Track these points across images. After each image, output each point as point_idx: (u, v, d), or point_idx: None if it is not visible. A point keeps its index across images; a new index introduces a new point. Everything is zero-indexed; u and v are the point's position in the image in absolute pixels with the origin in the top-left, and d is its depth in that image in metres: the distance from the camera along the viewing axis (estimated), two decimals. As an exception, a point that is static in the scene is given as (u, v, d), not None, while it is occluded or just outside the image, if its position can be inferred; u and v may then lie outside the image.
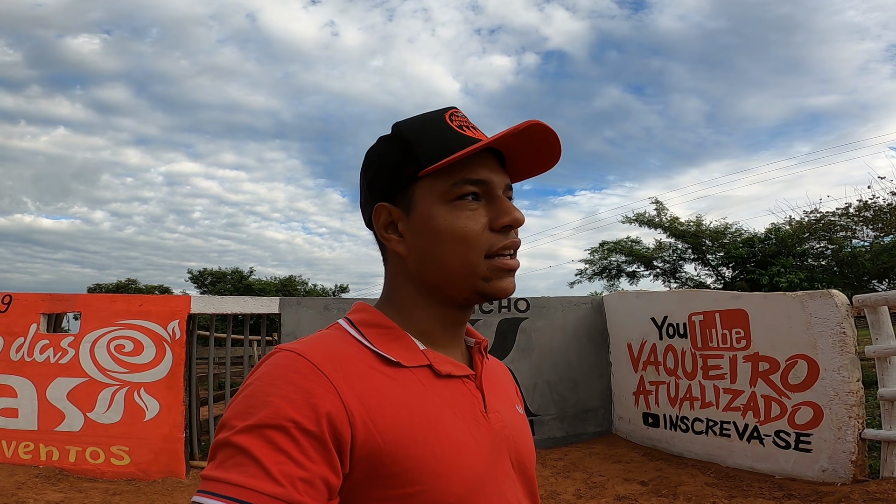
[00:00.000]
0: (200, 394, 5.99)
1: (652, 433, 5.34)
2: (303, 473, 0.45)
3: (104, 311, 5.05)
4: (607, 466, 4.92)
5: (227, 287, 22.91)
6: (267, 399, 0.48)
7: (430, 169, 0.60)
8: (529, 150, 0.64)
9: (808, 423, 3.78)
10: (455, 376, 0.62)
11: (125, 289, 29.04)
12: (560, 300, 6.34)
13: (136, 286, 29.46)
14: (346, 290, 31.45)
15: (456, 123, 0.62)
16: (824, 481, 3.67)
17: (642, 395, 5.49)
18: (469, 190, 0.60)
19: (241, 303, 5.33)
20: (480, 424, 0.60)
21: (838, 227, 12.23)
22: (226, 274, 24.06)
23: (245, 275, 24.24)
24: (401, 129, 0.64)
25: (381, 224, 0.64)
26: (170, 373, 4.95)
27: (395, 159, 0.63)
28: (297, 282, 26.41)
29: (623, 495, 4.14)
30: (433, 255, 0.61)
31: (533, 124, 0.59)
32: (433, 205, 0.61)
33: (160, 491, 4.52)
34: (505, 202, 0.62)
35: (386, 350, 0.59)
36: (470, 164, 0.60)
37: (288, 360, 0.52)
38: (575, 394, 6.05)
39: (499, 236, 0.61)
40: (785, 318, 3.90)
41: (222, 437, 0.47)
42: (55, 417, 4.78)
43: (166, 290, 29.95)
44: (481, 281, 0.61)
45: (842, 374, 3.53)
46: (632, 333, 5.66)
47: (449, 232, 0.60)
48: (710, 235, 11.53)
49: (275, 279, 25.72)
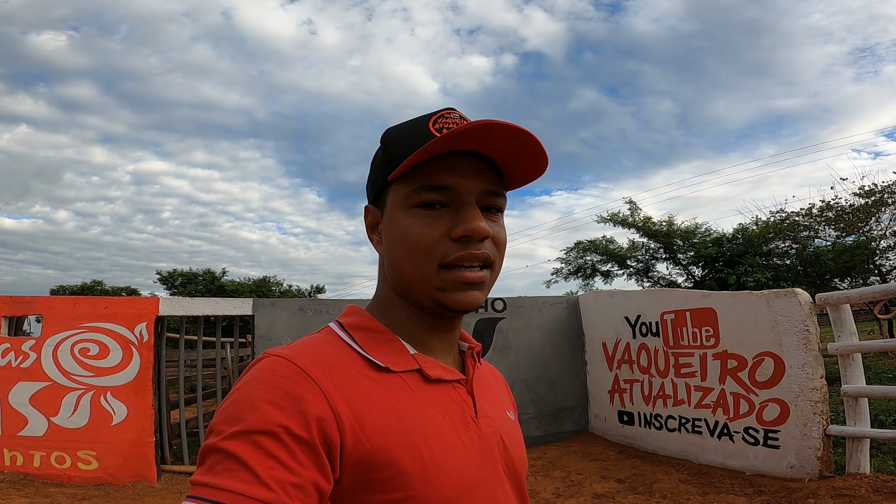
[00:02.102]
0: (171, 397, 5.85)
1: (627, 431, 5.42)
2: (294, 479, 0.44)
3: (67, 313, 4.88)
4: (585, 465, 4.99)
5: (199, 288, 22.36)
6: (255, 404, 0.47)
7: (395, 174, 0.58)
8: (510, 154, 0.60)
9: (776, 419, 3.89)
10: (445, 381, 0.61)
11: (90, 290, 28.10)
12: (536, 300, 6.40)
13: (101, 287, 28.55)
14: (322, 290, 31.04)
15: (437, 126, 0.60)
16: (792, 477, 3.77)
17: (617, 394, 5.57)
18: (428, 197, 0.58)
19: (213, 304, 5.22)
20: (470, 429, 0.60)
21: (802, 227, 12.68)
22: (197, 275, 23.47)
23: (217, 276, 23.71)
24: (386, 134, 0.64)
25: (368, 224, 0.66)
26: (137, 376, 4.82)
27: (378, 164, 0.63)
28: (272, 282, 25.96)
29: (600, 493, 4.20)
30: (395, 260, 0.61)
31: (483, 124, 0.54)
32: (397, 209, 0.60)
33: (130, 496, 4.39)
34: (469, 211, 0.58)
35: (376, 355, 0.58)
36: (436, 170, 0.58)
37: (277, 365, 0.52)
38: (552, 393, 6.11)
39: (454, 245, 0.58)
40: (752, 316, 4.01)
41: (211, 443, 0.46)
42: (18, 422, 4.60)
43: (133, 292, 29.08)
44: (436, 291, 0.59)
45: (806, 371, 3.64)
46: (606, 332, 5.74)
47: (404, 238, 0.59)
48: (681, 235, 11.80)
49: (249, 280, 25.22)
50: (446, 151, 0.57)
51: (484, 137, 0.56)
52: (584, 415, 6.19)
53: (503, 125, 0.55)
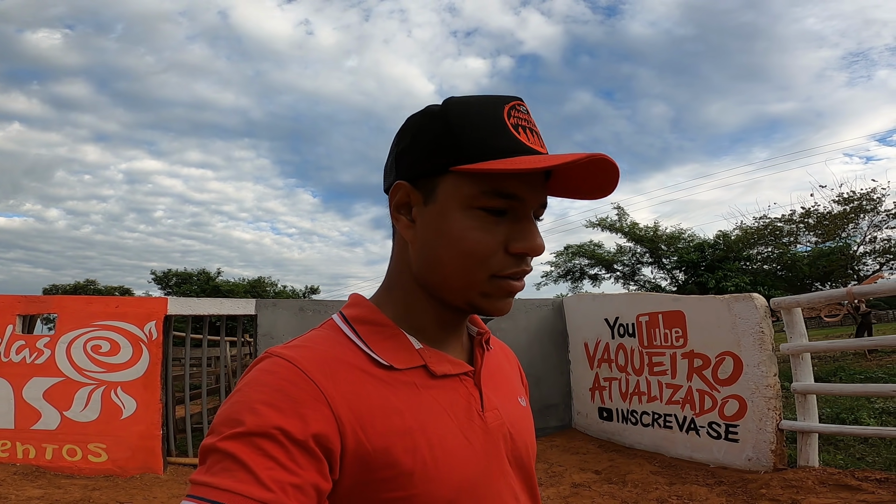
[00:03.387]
0: (176, 394, 6.14)
1: (606, 426, 5.78)
2: (293, 479, 0.45)
3: (80, 312, 5.18)
4: (566, 458, 5.34)
5: (194, 288, 22.50)
6: (254, 406, 0.47)
7: (465, 168, 0.54)
8: (583, 176, 0.58)
9: (735, 414, 4.24)
10: (451, 375, 0.60)
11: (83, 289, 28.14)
12: (524, 302, 6.74)
13: (94, 287, 28.62)
14: (316, 291, 31.21)
15: (513, 121, 0.56)
16: (750, 469, 4.09)
17: (597, 391, 5.93)
18: (496, 204, 0.55)
19: (218, 304, 5.54)
20: (475, 424, 0.59)
21: (784, 232, 13.15)
22: (192, 275, 23.60)
23: (212, 276, 23.87)
24: (449, 108, 0.57)
25: (395, 202, 0.60)
26: (146, 372, 5.12)
27: (430, 141, 0.57)
28: (267, 283, 26.13)
29: (579, 483, 4.54)
30: (436, 256, 0.57)
31: (594, 158, 0.53)
32: (454, 205, 0.56)
33: (138, 486, 4.69)
34: (530, 225, 0.57)
35: (379, 351, 0.57)
36: (509, 177, 0.55)
37: (277, 366, 0.51)
38: (537, 390, 6.45)
39: (511, 260, 0.56)
40: (715, 318, 4.37)
41: (210, 443, 0.46)
42: (31, 416, 4.89)
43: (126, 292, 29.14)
44: (479, 296, 0.57)
45: (761, 369, 4.00)
46: (588, 333, 6.10)
47: (460, 239, 0.55)
48: (666, 240, 12.21)
49: (243, 280, 25.42)
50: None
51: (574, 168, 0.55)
52: (568, 411, 6.54)
53: (608, 161, 0.54)
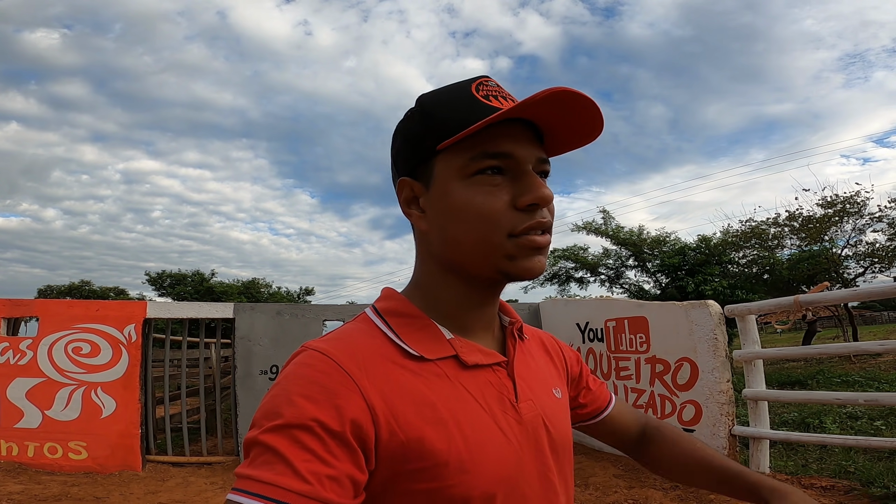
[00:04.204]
0: (157, 394, 6.28)
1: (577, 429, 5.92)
2: (329, 471, 0.46)
3: (62, 315, 5.32)
4: (534, 458, 5.49)
5: (188, 289, 22.53)
6: (292, 398, 0.48)
7: (448, 142, 0.56)
8: (565, 120, 0.59)
9: (692, 419, 4.38)
10: (483, 365, 0.60)
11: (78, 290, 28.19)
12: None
13: (90, 288, 28.66)
14: (311, 292, 31.12)
15: (482, 93, 0.58)
16: None
17: (569, 393, 6.07)
18: (489, 164, 0.56)
19: (197, 308, 5.68)
20: (509, 415, 0.59)
21: (769, 235, 13.31)
22: (186, 276, 23.62)
23: (206, 277, 23.93)
24: (423, 100, 0.61)
25: (403, 199, 0.63)
26: (126, 373, 5.26)
27: (416, 132, 0.60)
28: (261, 284, 26.13)
29: (543, 483, 4.69)
30: (452, 233, 0.58)
31: (557, 91, 0.53)
32: (451, 180, 0.58)
33: (117, 483, 4.83)
34: (531, 178, 0.57)
35: (410, 342, 0.58)
36: (492, 137, 0.56)
37: (312, 359, 0.53)
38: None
39: (523, 216, 0.57)
40: (674, 324, 4.52)
41: (252, 436, 0.48)
42: (14, 415, 5.03)
43: (122, 292, 29.19)
44: (505, 259, 0.57)
45: (714, 375, 4.15)
46: (561, 337, 6.17)
47: (467, 210, 0.56)
48: (650, 244, 12.37)
49: (237, 282, 25.32)
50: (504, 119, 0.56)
51: (549, 106, 0.55)
52: (542, 413, 6.68)
53: (575, 95, 0.54)
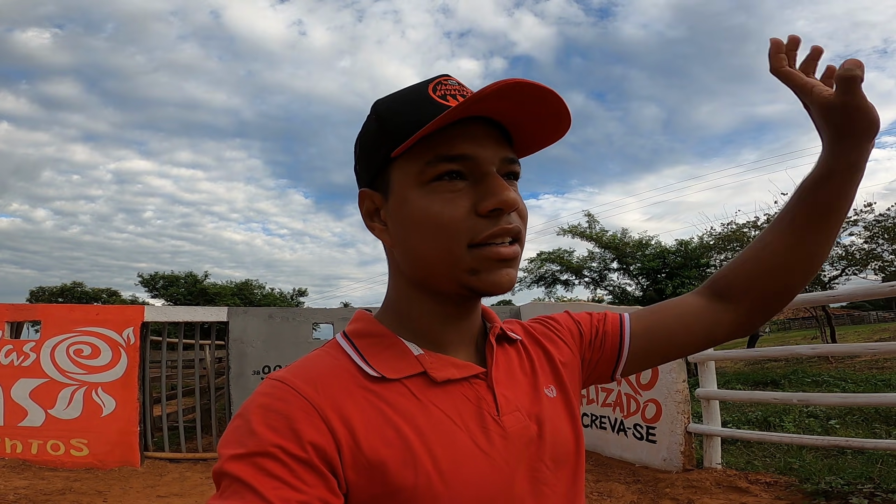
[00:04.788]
0: (154, 394, 6.58)
1: (553, 424, 6.27)
2: (300, 497, 0.44)
3: (63, 319, 5.62)
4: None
5: (181, 291, 22.73)
6: (252, 427, 0.47)
7: (401, 148, 0.53)
8: (528, 116, 0.55)
9: (653, 417, 4.72)
10: (457, 380, 0.56)
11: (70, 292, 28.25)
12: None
13: (82, 289, 28.74)
14: (304, 293, 31.32)
15: (440, 93, 0.54)
16: (664, 469, 4.48)
17: (546, 392, 6.42)
18: (446, 168, 0.52)
19: (192, 312, 5.99)
20: (491, 431, 0.55)
21: (749, 238, 13.75)
22: (179, 278, 23.77)
23: (199, 279, 24.12)
24: (378, 105, 0.57)
25: (365, 211, 0.60)
26: (125, 374, 5.57)
27: (370, 141, 0.57)
28: (254, 286, 26.35)
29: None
30: (412, 245, 0.55)
31: (509, 84, 0.49)
32: (407, 188, 0.54)
33: (117, 478, 5.13)
34: (494, 181, 0.53)
35: (374, 362, 0.55)
36: (449, 138, 0.52)
37: (271, 388, 0.51)
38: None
39: (486, 222, 0.52)
40: (637, 327, 4.87)
41: (218, 467, 0.47)
42: (19, 414, 5.32)
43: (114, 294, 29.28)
44: (467, 274, 0.53)
45: (672, 375, 4.50)
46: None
47: (424, 219, 0.53)
48: (633, 247, 12.78)
49: (231, 283, 25.56)
50: (460, 118, 0.52)
51: (506, 100, 0.51)
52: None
53: (533, 85, 0.50)
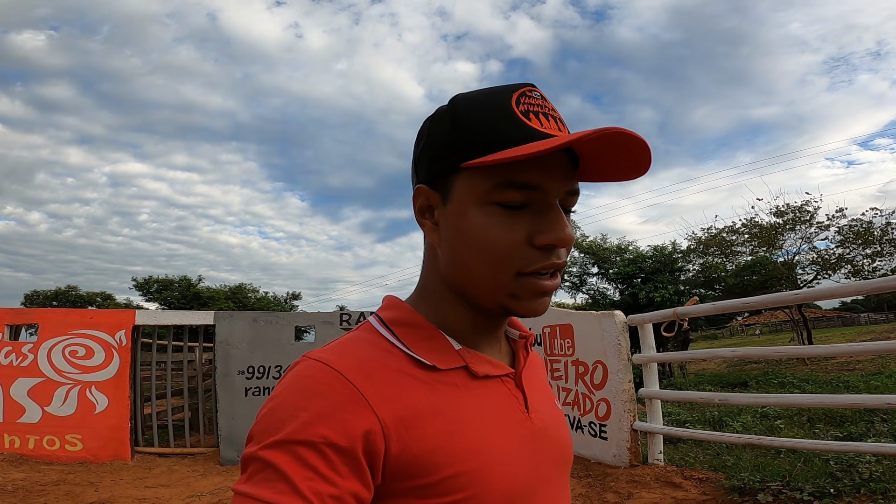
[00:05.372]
0: (145, 393, 6.95)
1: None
2: (332, 490, 0.44)
3: (60, 322, 6.00)
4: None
5: (175, 295, 22.93)
6: (294, 413, 0.46)
7: (474, 163, 0.51)
8: (610, 156, 0.53)
9: (605, 415, 5.08)
10: (493, 376, 0.58)
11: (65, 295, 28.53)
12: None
13: (76, 293, 29.00)
14: (298, 297, 31.52)
15: (522, 108, 0.53)
16: (614, 465, 4.79)
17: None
18: (512, 197, 0.51)
19: (181, 316, 6.37)
20: (523, 426, 0.57)
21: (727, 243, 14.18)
22: (173, 282, 23.99)
23: (193, 283, 24.36)
24: (456, 104, 0.55)
25: (418, 207, 0.58)
26: (117, 373, 5.94)
27: (440, 141, 0.55)
28: (248, 289, 26.55)
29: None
30: (460, 257, 0.54)
31: (611, 133, 0.48)
32: (469, 203, 0.53)
33: (108, 471, 5.50)
34: (555, 214, 0.53)
35: (420, 352, 0.54)
36: (523, 164, 0.51)
37: (314, 370, 0.50)
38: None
39: (538, 254, 0.52)
40: (590, 331, 5.27)
41: (251, 451, 0.46)
42: (17, 411, 5.69)
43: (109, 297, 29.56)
44: (508, 297, 0.53)
45: (619, 376, 4.88)
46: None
47: (479, 238, 0.52)
48: (612, 252, 13.20)
49: (224, 287, 25.72)
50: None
51: (598, 143, 0.50)
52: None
53: (630, 136, 0.50)
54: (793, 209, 13.85)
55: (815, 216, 13.95)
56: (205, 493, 4.96)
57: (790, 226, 14.00)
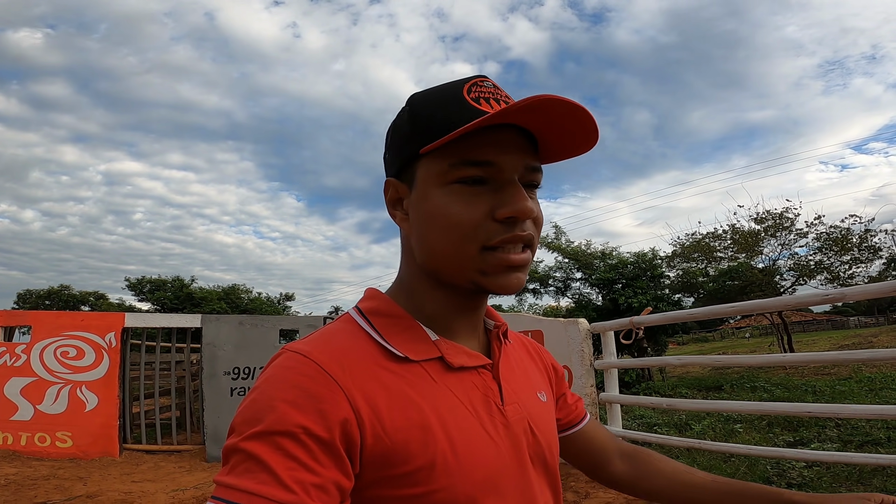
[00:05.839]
0: (134, 393, 7.20)
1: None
2: (315, 479, 0.45)
3: (52, 324, 6.25)
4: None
5: (168, 295, 22.91)
6: (273, 404, 0.47)
7: (430, 147, 0.54)
8: (557, 129, 0.56)
9: (571, 409, 5.42)
10: (468, 367, 0.59)
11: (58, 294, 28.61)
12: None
13: (69, 292, 29.06)
14: (291, 298, 31.44)
15: (474, 95, 0.56)
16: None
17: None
18: (468, 173, 0.54)
19: (169, 318, 6.64)
20: (495, 418, 0.58)
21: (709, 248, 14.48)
22: (166, 282, 23.91)
23: (186, 283, 24.36)
24: (413, 100, 0.59)
25: (388, 199, 0.62)
26: (107, 374, 6.20)
27: (403, 133, 0.59)
28: (241, 290, 26.43)
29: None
30: (428, 239, 0.57)
31: (543, 99, 0.50)
32: (430, 186, 0.56)
33: (97, 466, 5.75)
34: (514, 189, 0.55)
35: (395, 343, 0.56)
36: (477, 143, 0.54)
37: (293, 361, 0.51)
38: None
39: (500, 227, 0.54)
40: (558, 337, 5.56)
41: (232, 443, 0.47)
42: (10, 409, 5.93)
43: (102, 297, 29.61)
44: (478, 274, 0.56)
45: (582, 380, 5.17)
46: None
47: (441, 217, 0.55)
48: (596, 257, 13.51)
49: (217, 287, 25.63)
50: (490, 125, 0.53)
51: (537, 112, 0.52)
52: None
53: (564, 102, 0.52)
54: (773, 216, 14.17)
55: (794, 223, 14.26)
56: (189, 487, 5.21)
57: (770, 232, 14.31)
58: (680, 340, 54.96)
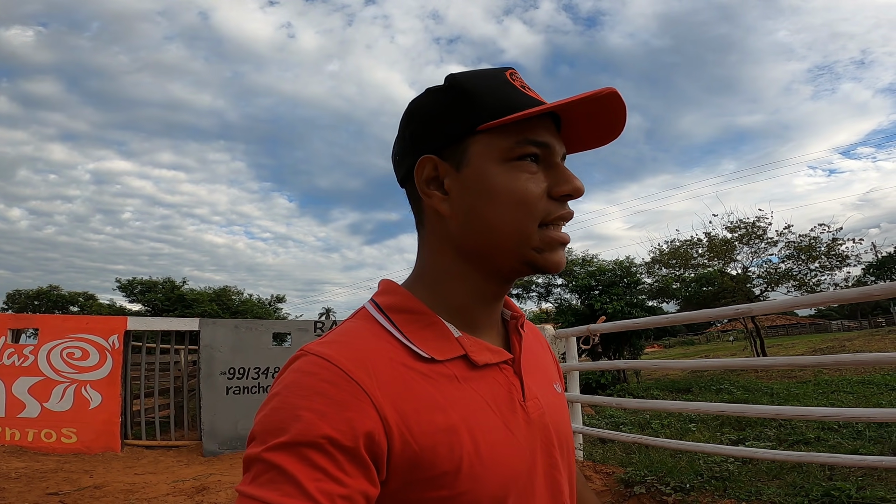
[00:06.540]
0: (135, 391, 7.64)
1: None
2: (341, 490, 0.44)
3: (58, 327, 6.68)
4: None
5: (159, 297, 23.00)
6: (297, 413, 0.46)
7: (494, 124, 0.55)
8: (590, 121, 0.60)
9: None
10: (492, 364, 0.58)
11: (46, 295, 28.67)
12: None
13: (58, 293, 29.12)
14: (282, 300, 31.61)
15: (518, 83, 0.59)
16: None
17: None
18: (531, 150, 0.56)
19: (169, 322, 7.09)
20: (518, 415, 0.57)
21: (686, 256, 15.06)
22: (157, 283, 24.02)
23: (177, 284, 24.50)
24: (458, 79, 0.59)
25: (423, 178, 0.59)
26: (110, 373, 6.64)
27: (448, 110, 0.58)
28: (232, 292, 26.58)
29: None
30: (483, 217, 0.56)
31: (609, 93, 0.54)
32: (491, 162, 0.56)
33: (101, 461, 6.18)
34: (565, 169, 0.58)
35: (418, 343, 0.55)
36: (533, 126, 0.56)
37: (316, 366, 0.50)
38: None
39: (556, 205, 0.57)
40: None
41: (254, 453, 0.46)
42: (18, 407, 6.36)
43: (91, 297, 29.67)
44: (533, 251, 0.56)
45: (549, 376, 5.71)
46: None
47: (506, 193, 0.55)
48: (577, 264, 14.07)
49: (209, 289, 25.83)
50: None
51: (588, 105, 0.56)
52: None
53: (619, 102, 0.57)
54: (745, 225, 14.79)
55: (766, 232, 14.89)
56: (188, 478, 5.66)
57: (744, 241, 14.92)
58: (666, 343, 55.89)
